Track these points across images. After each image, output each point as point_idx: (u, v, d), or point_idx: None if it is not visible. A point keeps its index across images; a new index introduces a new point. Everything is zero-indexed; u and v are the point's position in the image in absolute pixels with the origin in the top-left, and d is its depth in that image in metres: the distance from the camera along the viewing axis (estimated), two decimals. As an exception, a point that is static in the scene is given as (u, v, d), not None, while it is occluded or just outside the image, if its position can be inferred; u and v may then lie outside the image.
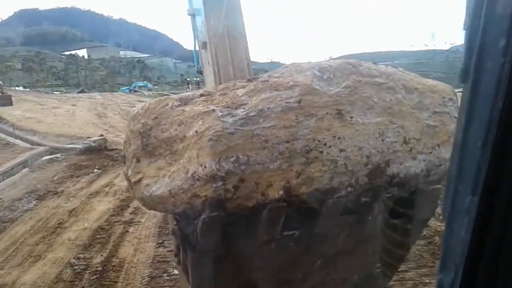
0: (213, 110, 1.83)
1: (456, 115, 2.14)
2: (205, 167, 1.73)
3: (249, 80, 2.06)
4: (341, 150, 1.86)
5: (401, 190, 2.02)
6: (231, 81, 2.17)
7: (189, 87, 62.89)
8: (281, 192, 1.80)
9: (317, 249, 2.09)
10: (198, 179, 1.74)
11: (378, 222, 2.09)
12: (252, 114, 1.82)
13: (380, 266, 2.37)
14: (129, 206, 7.84)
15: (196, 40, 3.10)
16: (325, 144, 1.84)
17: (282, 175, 1.80)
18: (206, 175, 1.72)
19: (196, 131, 1.80)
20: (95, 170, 11.34)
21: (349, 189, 1.90)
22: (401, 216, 2.13)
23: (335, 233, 2.05)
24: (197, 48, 3.13)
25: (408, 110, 2.03)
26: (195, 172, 1.75)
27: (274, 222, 1.87)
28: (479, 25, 0.64)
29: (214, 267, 1.97)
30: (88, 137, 16.60)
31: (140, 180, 1.93)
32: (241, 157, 1.75)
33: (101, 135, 16.64)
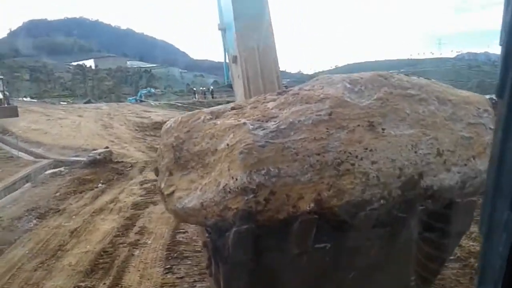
0: (244, 123, 1.85)
1: (492, 127, 2.09)
2: (236, 179, 1.74)
3: (280, 93, 2.08)
4: (373, 162, 1.84)
5: (435, 203, 1.98)
6: (262, 95, 2.19)
7: (195, 97, 62.72)
8: (312, 205, 1.80)
9: (349, 262, 2.07)
10: (229, 192, 1.76)
11: (411, 236, 2.05)
12: (282, 127, 1.82)
13: (414, 280, 2.32)
14: (135, 225, 7.37)
15: (226, 54, 3.14)
16: (356, 157, 1.82)
17: (313, 187, 1.80)
18: (237, 188, 1.74)
19: (228, 144, 1.82)
20: (100, 185, 10.92)
21: (381, 201, 1.87)
22: (435, 230, 2.09)
23: (367, 246, 2.02)
24: (227, 62, 3.16)
25: (442, 121, 2.00)
26: (226, 184, 1.77)
27: (305, 234, 1.86)
28: None
29: (246, 279, 1.97)
30: (94, 149, 16.29)
31: (173, 192, 1.96)
32: (271, 169, 1.75)
33: (107, 147, 16.37)
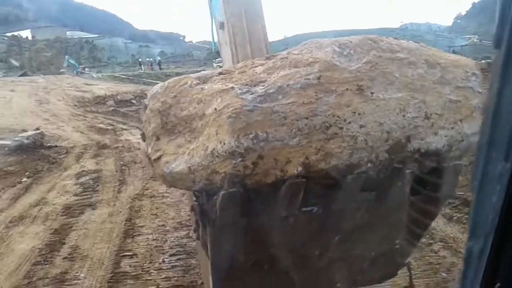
0: (232, 88, 1.84)
1: (480, 90, 2.10)
2: (224, 144, 1.74)
3: (268, 58, 2.05)
4: (361, 126, 1.84)
5: (422, 166, 2.00)
6: (250, 59, 2.16)
7: (141, 68, 60.90)
8: (299, 168, 1.81)
9: (335, 225, 2.10)
10: (217, 156, 1.76)
11: (397, 199, 2.07)
12: (271, 91, 1.81)
13: (399, 243, 2.36)
14: (64, 243, 5.50)
15: (213, 20, 3.08)
16: (344, 120, 1.83)
17: (301, 151, 1.80)
18: (225, 152, 1.74)
19: (215, 109, 1.81)
20: (24, 179, 8.99)
21: (369, 165, 1.89)
22: (421, 193, 2.11)
23: (353, 209, 2.04)
24: (214, 30, 3.11)
25: (430, 85, 2.00)
26: (214, 149, 1.77)
27: (293, 198, 1.88)
28: None
29: (233, 241, 2.00)
30: (23, 130, 14.29)
31: (159, 157, 1.96)
32: (260, 134, 1.75)
33: (37, 129, 14.46)
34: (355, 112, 1.84)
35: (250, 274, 2.16)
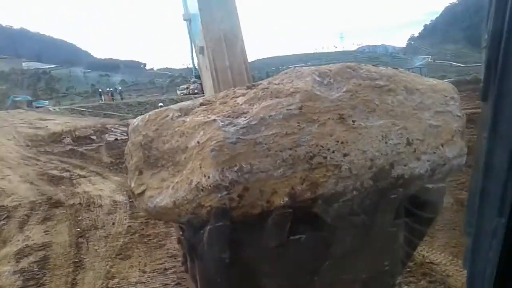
0: (214, 120, 1.83)
1: (459, 114, 2.13)
2: (208, 177, 1.72)
3: (249, 88, 2.05)
4: (345, 155, 1.85)
5: (407, 190, 2.02)
6: (231, 89, 2.16)
7: (101, 99, 58.94)
8: (286, 199, 1.80)
9: (324, 252, 2.09)
10: (202, 190, 1.74)
11: (384, 223, 2.08)
12: (253, 122, 1.81)
13: (388, 264, 2.37)
14: None
15: (193, 45, 3.09)
16: (328, 150, 1.83)
17: (286, 182, 1.79)
18: (210, 186, 1.72)
19: (198, 142, 1.80)
20: None
21: (354, 192, 1.90)
22: (407, 216, 2.13)
23: (341, 235, 2.04)
24: (194, 55, 3.12)
25: (410, 111, 2.02)
26: (198, 182, 1.74)
27: (280, 228, 1.86)
28: (501, 44, 0.62)
29: (223, 274, 1.96)
30: None
31: (143, 192, 1.93)
32: (244, 166, 1.74)
33: None
34: (338, 141, 1.85)
35: None
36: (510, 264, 0.65)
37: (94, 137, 26.72)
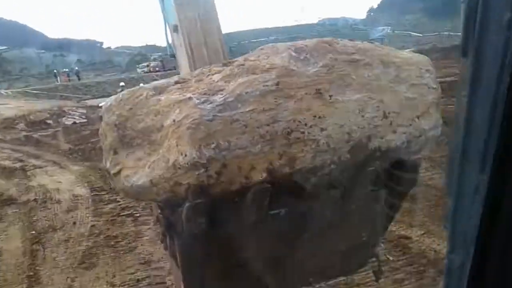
0: (190, 98, 1.81)
1: (434, 86, 2.15)
2: (185, 155, 1.71)
3: (225, 64, 2.03)
4: (322, 129, 1.85)
5: (383, 163, 2.03)
6: (206, 66, 2.13)
7: (57, 80, 55.84)
8: (264, 174, 1.80)
9: (304, 226, 2.11)
10: (179, 168, 1.73)
11: (361, 195, 2.11)
12: (230, 99, 1.79)
13: (366, 235, 2.41)
14: None
15: (166, 23, 3.02)
16: (305, 125, 1.83)
17: (265, 157, 1.80)
18: (187, 163, 1.71)
19: (174, 120, 1.77)
20: None
21: (332, 166, 1.91)
22: (384, 188, 2.15)
23: (320, 209, 2.06)
24: (168, 33, 3.06)
25: (387, 84, 2.03)
26: (175, 160, 1.73)
27: (259, 203, 1.87)
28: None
29: (202, 251, 1.98)
30: None
31: (119, 171, 1.91)
32: (221, 143, 1.73)
33: None
34: (315, 116, 1.85)
35: (222, 281, 2.14)
36: (492, 221, 0.65)
37: (50, 121, 24.70)
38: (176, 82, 1.97)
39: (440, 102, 2.19)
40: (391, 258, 5.14)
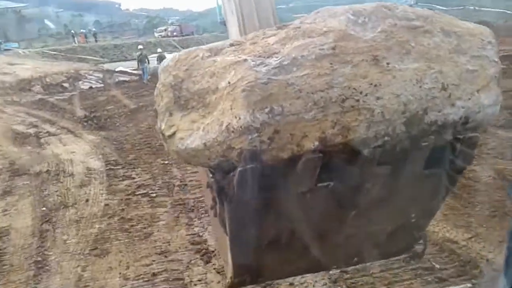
0: (245, 60, 1.78)
1: (496, 59, 2.05)
2: (239, 118, 1.70)
3: (280, 28, 1.99)
4: (378, 98, 1.80)
5: (439, 139, 1.96)
6: (260, 30, 2.09)
7: (74, 41, 54.34)
8: (316, 143, 1.77)
9: (352, 200, 2.07)
10: (232, 131, 1.72)
11: (414, 172, 2.05)
12: (285, 63, 1.76)
13: (415, 216, 2.35)
14: None
15: None
16: (361, 92, 1.78)
17: (317, 125, 1.76)
18: (240, 127, 1.70)
19: (229, 82, 1.76)
20: None
21: (386, 138, 1.86)
22: (437, 165, 2.08)
23: (370, 184, 2.01)
24: (219, 1, 3.04)
25: (446, 54, 1.94)
26: (229, 124, 1.72)
27: (310, 173, 1.85)
28: None
29: (251, 218, 1.97)
30: None
31: (174, 133, 1.91)
32: (275, 107, 1.71)
33: None
34: (371, 84, 1.80)
35: (269, 249, 2.15)
36: None
37: (66, 85, 24.00)
38: (231, 45, 1.95)
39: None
40: (437, 266, 4.46)
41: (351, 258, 2.45)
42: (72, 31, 59.75)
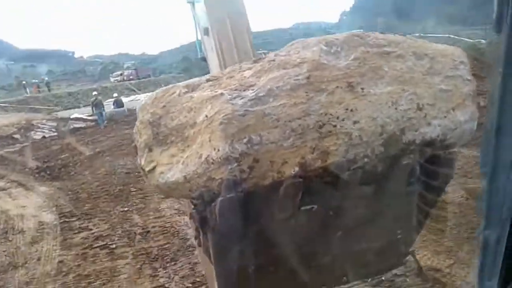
0: (222, 94, 1.84)
1: (469, 78, 2.10)
2: (218, 150, 1.73)
3: (255, 61, 2.05)
4: (355, 122, 1.84)
5: (418, 157, 2.00)
6: (237, 64, 2.15)
7: (26, 92, 52.51)
8: (296, 169, 1.80)
9: (336, 222, 2.09)
10: (212, 163, 1.75)
11: (396, 190, 2.07)
12: (261, 94, 1.81)
13: (401, 233, 2.36)
14: None
15: (197, 27, 3.08)
16: (337, 118, 1.82)
17: (297, 151, 1.80)
18: (220, 158, 1.73)
19: (206, 116, 1.80)
20: None
21: (365, 159, 1.89)
22: (419, 183, 2.11)
23: (353, 205, 2.04)
24: (198, 36, 3.12)
25: (420, 76, 2.00)
26: (208, 156, 1.76)
27: (292, 198, 1.87)
28: None
29: (236, 246, 1.99)
30: None
31: (154, 168, 1.95)
32: (253, 137, 1.75)
33: None
34: (347, 109, 1.84)
35: (256, 277, 2.15)
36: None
37: (17, 136, 22.74)
38: (208, 80, 2.01)
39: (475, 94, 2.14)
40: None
41: (340, 278, 2.44)
42: (24, 82, 57.32)
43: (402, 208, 2.21)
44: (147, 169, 1.96)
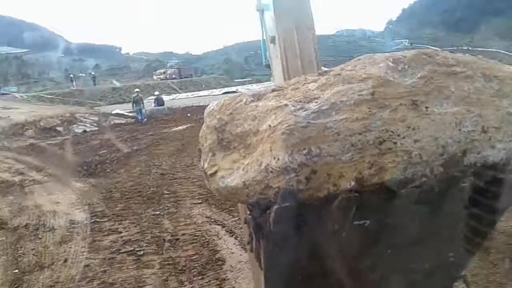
0: (286, 105, 1.89)
1: None
2: (278, 159, 1.79)
3: (321, 74, 2.09)
4: (416, 141, 1.84)
5: (478, 180, 1.97)
6: (302, 75, 2.20)
7: (73, 85, 53.90)
8: (352, 183, 1.83)
9: (388, 239, 2.09)
10: (271, 171, 1.81)
11: (452, 212, 2.05)
12: (324, 107, 1.85)
13: (453, 255, 2.33)
14: None
15: (264, 35, 3.16)
16: (398, 135, 1.83)
17: (354, 166, 1.82)
18: (279, 167, 1.79)
19: (269, 125, 1.87)
20: None
21: (423, 179, 1.88)
22: (477, 206, 2.08)
23: (407, 223, 2.04)
24: (264, 42, 3.20)
25: (487, 98, 1.96)
26: (268, 164, 1.82)
27: (345, 212, 1.90)
28: None
29: (286, 254, 2.03)
30: None
31: (215, 172, 2.04)
32: (313, 149, 1.79)
33: None
34: (409, 127, 1.85)
35: (303, 285, 2.19)
36: None
37: (60, 129, 23.72)
38: (273, 90, 2.07)
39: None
40: None
41: None
42: (71, 75, 60.22)
43: (457, 230, 2.18)
44: (209, 172, 2.06)
